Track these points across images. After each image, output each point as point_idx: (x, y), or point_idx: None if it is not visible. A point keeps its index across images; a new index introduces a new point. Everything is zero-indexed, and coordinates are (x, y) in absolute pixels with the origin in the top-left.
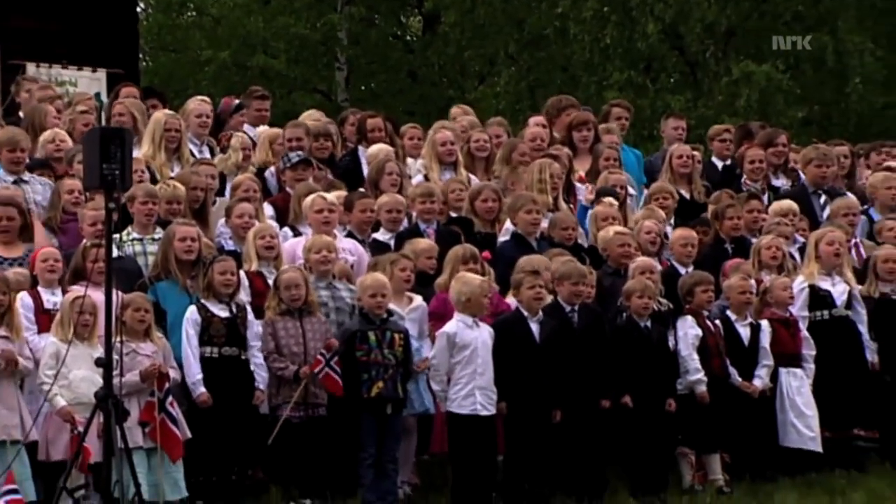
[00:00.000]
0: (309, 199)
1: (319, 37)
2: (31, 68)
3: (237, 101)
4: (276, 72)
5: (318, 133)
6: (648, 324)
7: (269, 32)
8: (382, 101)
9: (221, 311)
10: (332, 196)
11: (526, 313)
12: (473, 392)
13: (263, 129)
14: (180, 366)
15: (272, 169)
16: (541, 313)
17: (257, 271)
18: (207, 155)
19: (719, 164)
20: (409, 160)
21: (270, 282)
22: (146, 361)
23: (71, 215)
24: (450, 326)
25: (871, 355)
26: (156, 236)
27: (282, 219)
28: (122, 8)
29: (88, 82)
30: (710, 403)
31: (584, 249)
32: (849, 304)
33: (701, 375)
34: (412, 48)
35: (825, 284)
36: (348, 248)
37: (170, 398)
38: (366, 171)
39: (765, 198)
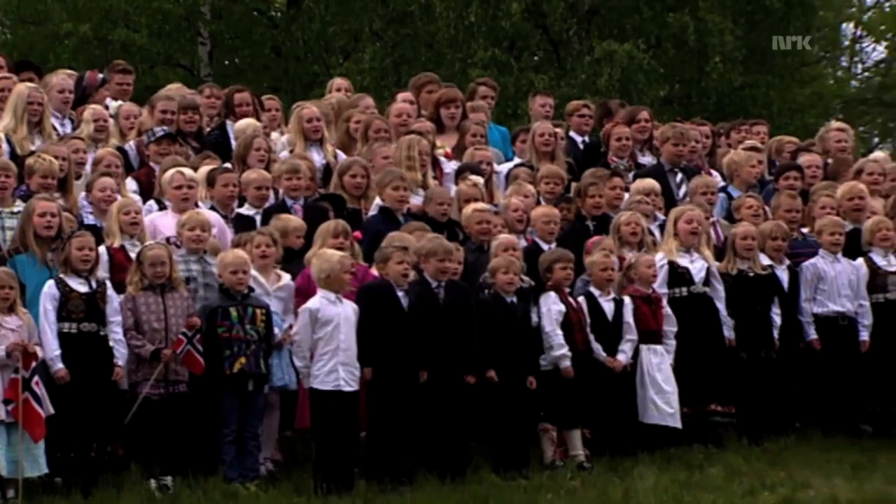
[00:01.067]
0: (168, 174)
1: (182, 11)
2: None
3: (102, 76)
4: (139, 46)
5: (187, 106)
6: (515, 300)
7: (131, 6)
8: (246, 77)
9: (80, 287)
10: (191, 172)
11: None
12: (336, 368)
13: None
14: None
15: (132, 143)
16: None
17: (120, 246)
18: (69, 129)
19: (579, 140)
20: (274, 134)
21: (133, 256)
22: (11, 336)
23: None
24: (312, 302)
25: (729, 332)
26: (14, 210)
27: (144, 193)
28: None
29: None
30: (572, 379)
31: (457, 225)
32: (707, 282)
33: (565, 351)
34: (276, 23)
35: (684, 261)
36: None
37: (35, 377)
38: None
39: (631, 175)
